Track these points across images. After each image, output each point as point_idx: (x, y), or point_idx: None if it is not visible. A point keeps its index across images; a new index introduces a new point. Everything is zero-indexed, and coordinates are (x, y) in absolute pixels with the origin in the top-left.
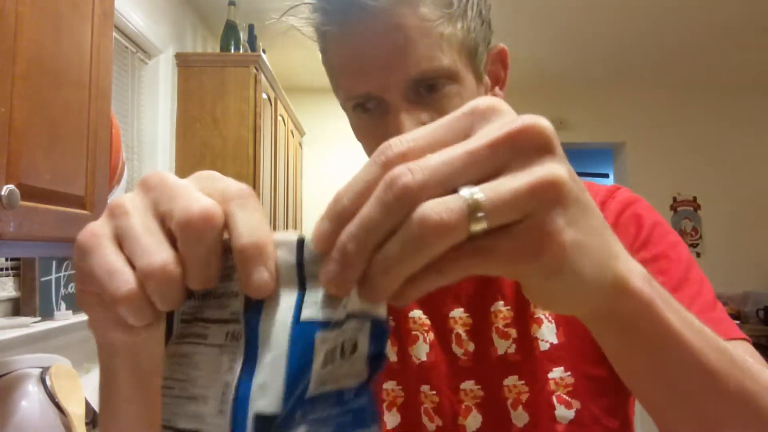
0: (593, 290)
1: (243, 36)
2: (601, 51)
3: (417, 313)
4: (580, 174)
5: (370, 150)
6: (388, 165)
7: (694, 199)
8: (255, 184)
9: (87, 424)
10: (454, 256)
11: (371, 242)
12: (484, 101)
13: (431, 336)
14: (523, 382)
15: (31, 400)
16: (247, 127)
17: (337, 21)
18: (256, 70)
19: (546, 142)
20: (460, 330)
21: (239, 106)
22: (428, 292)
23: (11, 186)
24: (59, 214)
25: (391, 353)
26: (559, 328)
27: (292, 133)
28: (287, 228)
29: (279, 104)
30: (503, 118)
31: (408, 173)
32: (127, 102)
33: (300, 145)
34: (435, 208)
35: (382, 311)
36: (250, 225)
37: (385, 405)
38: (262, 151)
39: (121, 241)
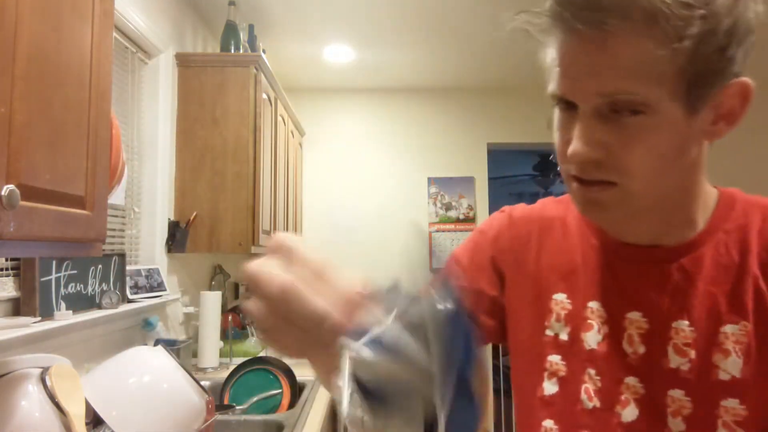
0: None
1: (243, 36)
2: None
3: (596, 305)
4: None
5: (556, 144)
6: None
7: None
8: (255, 184)
9: (87, 424)
10: None
11: None
12: None
13: (606, 329)
14: (689, 398)
15: (31, 400)
16: (247, 127)
17: (556, 32)
18: (256, 70)
19: None
20: (633, 332)
21: (239, 106)
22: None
23: (11, 186)
24: (59, 214)
25: (563, 332)
26: (747, 366)
27: (292, 133)
28: (287, 228)
29: (279, 104)
30: None
31: None
32: (127, 102)
33: (300, 145)
34: None
35: None
36: None
37: (546, 374)
38: (262, 151)
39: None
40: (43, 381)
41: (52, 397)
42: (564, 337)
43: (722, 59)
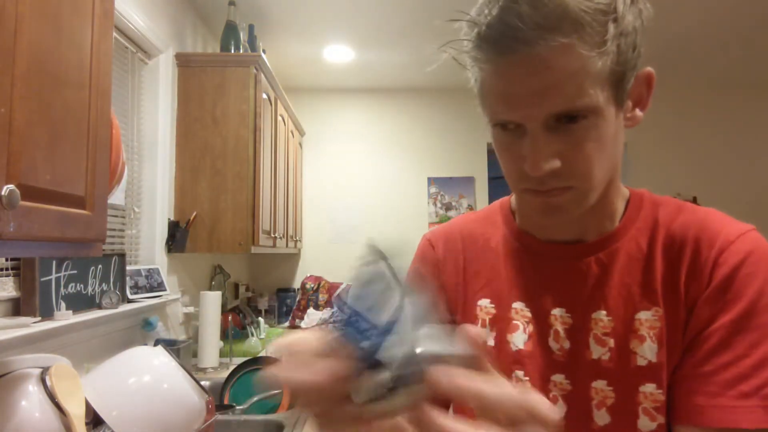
0: None
1: (243, 36)
2: None
3: (520, 305)
4: None
5: (503, 163)
6: None
7: (694, 199)
8: (255, 184)
9: (87, 424)
10: None
11: None
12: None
13: (531, 328)
14: (611, 388)
15: (31, 400)
16: (247, 127)
17: (492, 58)
18: (256, 70)
19: None
20: (559, 327)
21: (239, 106)
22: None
23: (11, 186)
24: (59, 214)
25: (489, 337)
26: (662, 350)
27: (292, 133)
28: (287, 227)
29: (279, 104)
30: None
31: None
32: (127, 102)
33: (300, 145)
34: None
35: None
36: None
37: None
38: (262, 151)
39: None
40: (43, 381)
41: (52, 397)
42: (490, 342)
43: (634, 52)
